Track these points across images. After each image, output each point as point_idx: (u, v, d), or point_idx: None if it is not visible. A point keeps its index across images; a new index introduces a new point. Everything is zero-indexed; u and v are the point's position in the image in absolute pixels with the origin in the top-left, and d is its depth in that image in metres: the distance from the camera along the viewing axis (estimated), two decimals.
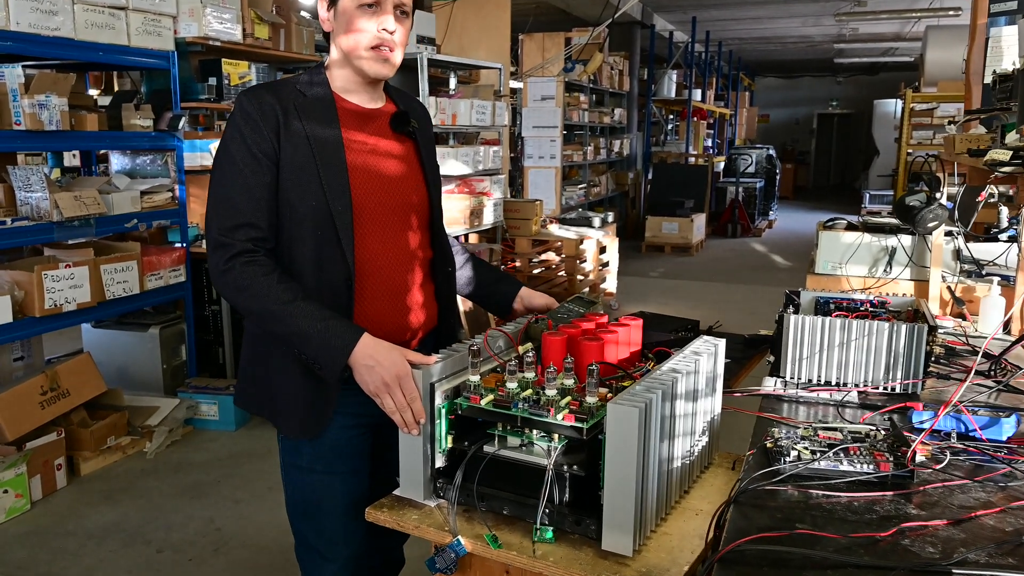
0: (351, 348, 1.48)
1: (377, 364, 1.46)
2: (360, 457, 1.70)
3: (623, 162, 11.92)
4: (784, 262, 10.07)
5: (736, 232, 12.37)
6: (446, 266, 1.78)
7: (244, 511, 3.30)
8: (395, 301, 1.66)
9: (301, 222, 1.56)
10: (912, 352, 1.82)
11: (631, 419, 1.24)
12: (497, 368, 1.55)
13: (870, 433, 1.51)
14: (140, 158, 4.48)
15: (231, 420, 4.21)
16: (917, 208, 2.53)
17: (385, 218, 1.64)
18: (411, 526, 1.42)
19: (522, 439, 1.42)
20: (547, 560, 1.30)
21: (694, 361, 1.50)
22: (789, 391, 1.87)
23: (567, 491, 1.35)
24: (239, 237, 1.52)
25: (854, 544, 1.16)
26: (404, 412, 1.43)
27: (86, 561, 2.93)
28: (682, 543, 1.36)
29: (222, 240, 1.52)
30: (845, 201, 16.61)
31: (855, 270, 2.81)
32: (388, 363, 1.45)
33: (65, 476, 3.57)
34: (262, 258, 1.53)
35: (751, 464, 1.45)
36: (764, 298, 7.61)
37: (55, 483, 3.52)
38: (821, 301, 2.18)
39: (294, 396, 1.62)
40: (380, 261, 1.63)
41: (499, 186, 5.55)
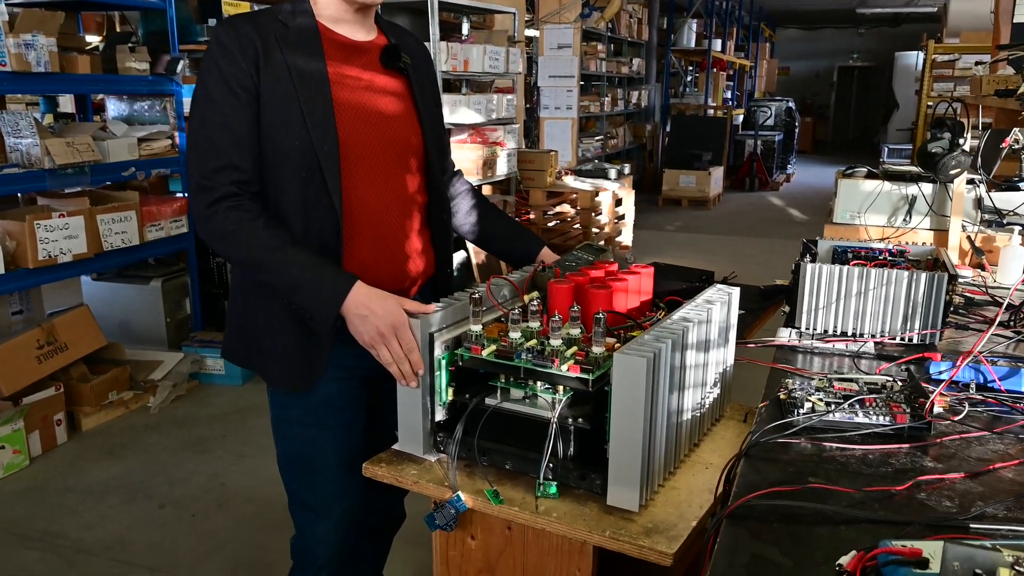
0: (343, 297, 1.43)
1: (371, 313, 1.41)
2: (354, 410, 1.67)
3: (641, 114, 11.74)
4: (801, 216, 9.96)
5: (754, 186, 12.23)
6: (442, 213, 1.72)
7: (249, 466, 3.31)
8: (389, 249, 1.61)
9: (285, 163, 1.49)
10: (931, 302, 1.77)
11: (638, 369, 1.19)
12: (501, 318, 1.50)
13: (886, 384, 1.47)
14: (137, 104, 4.40)
15: (237, 374, 4.21)
16: (939, 155, 2.45)
17: (376, 160, 1.57)
18: (410, 481, 1.39)
19: (525, 391, 1.37)
20: (550, 516, 1.26)
21: (706, 310, 1.45)
22: (804, 342, 1.82)
23: (572, 445, 1.31)
24: (221, 180, 1.46)
25: (868, 498, 1.12)
26: (401, 363, 1.38)
27: (86, 517, 2.95)
28: (690, 497, 1.33)
29: (203, 183, 1.46)
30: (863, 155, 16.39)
31: (874, 219, 2.74)
32: (383, 312, 1.40)
33: (65, 432, 3.58)
34: (247, 202, 1.47)
35: (763, 416, 1.41)
36: (780, 252, 7.53)
37: (55, 439, 3.53)
38: (839, 250, 2.12)
39: (284, 347, 1.58)
40: (372, 206, 1.57)
41: (513, 136, 5.46)
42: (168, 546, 2.73)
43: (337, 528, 1.67)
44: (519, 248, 1.86)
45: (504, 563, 1.37)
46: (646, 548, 1.19)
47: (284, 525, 2.90)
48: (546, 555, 1.32)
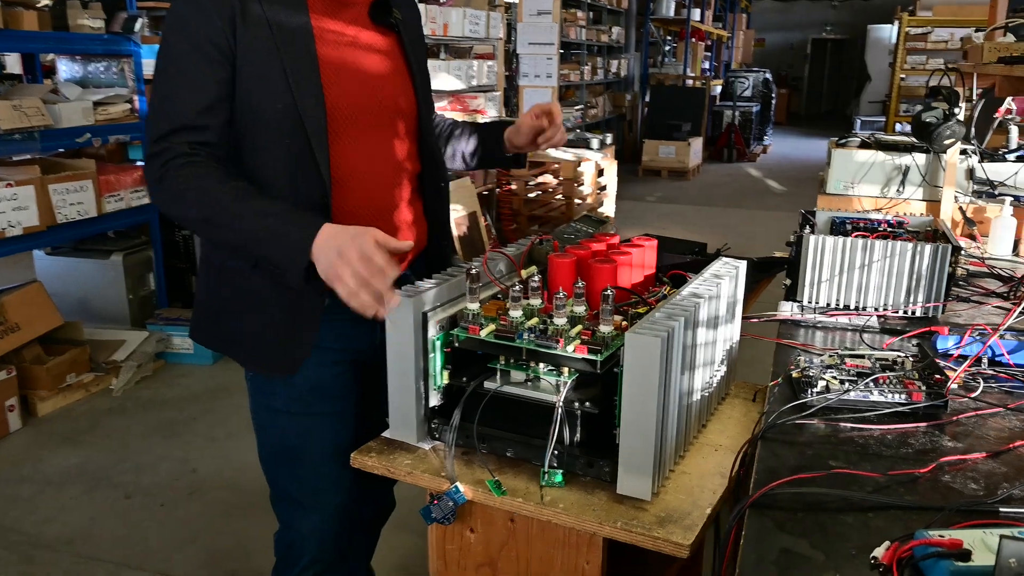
0: (312, 236, 1.26)
1: (335, 240, 1.23)
2: (344, 397, 1.59)
3: (620, 83, 11.67)
4: (780, 187, 10.00)
5: (732, 157, 12.26)
6: (438, 180, 1.64)
7: (222, 450, 3.23)
8: (379, 220, 1.52)
9: (266, 128, 1.40)
10: (935, 274, 1.74)
11: (652, 350, 1.14)
12: (498, 295, 1.44)
13: (898, 360, 1.43)
14: (92, 65, 4.23)
15: (207, 353, 4.11)
16: (934, 124, 2.42)
17: (365, 123, 1.48)
18: (403, 472, 1.33)
19: (527, 373, 1.32)
20: (556, 507, 1.21)
21: (716, 285, 1.40)
22: (807, 316, 1.79)
23: (578, 430, 1.26)
24: (176, 141, 1.34)
25: (893, 482, 1.09)
26: (371, 281, 1.19)
27: (44, 509, 2.84)
28: (702, 483, 1.28)
29: (157, 149, 1.35)
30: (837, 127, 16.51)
31: (867, 190, 2.71)
32: (346, 235, 1.23)
33: (19, 418, 3.45)
34: (200, 159, 1.35)
35: (776, 396, 1.37)
36: (761, 223, 7.55)
37: (7, 425, 3.40)
38: (837, 221, 2.09)
39: (263, 328, 1.49)
40: (361, 174, 1.49)
41: (494, 104, 5.36)
42: (136, 538, 2.65)
43: (326, 524, 1.60)
44: (491, 153, 1.78)
45: (506, 557, 1.32)
46: (660, 539, 1.14)
47: (261, 512, 2.83)
48: (552, 548, 1.27)
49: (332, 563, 1.65)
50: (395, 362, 1.34)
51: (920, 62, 10.69)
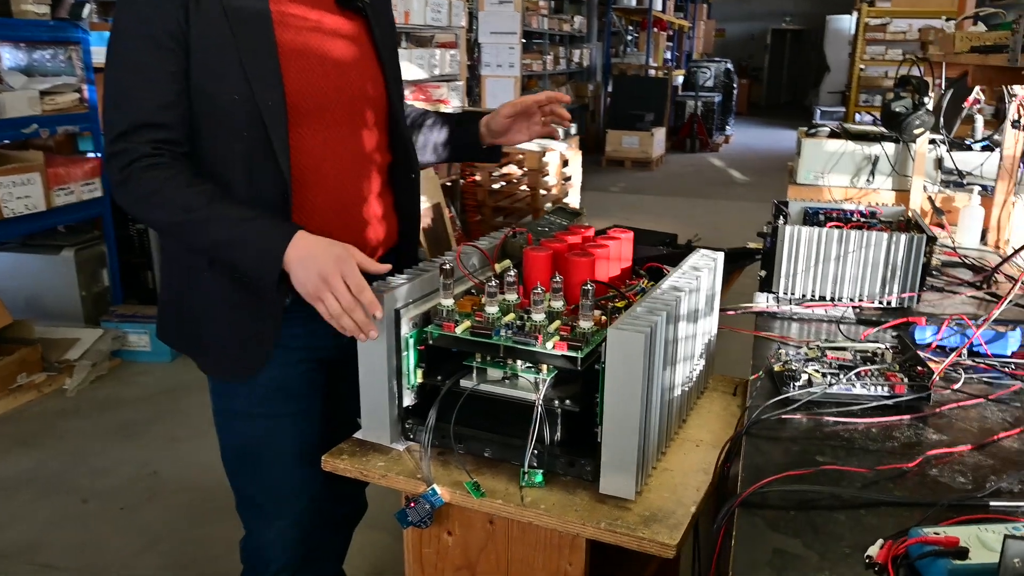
0: (284, 246, 1.26)
1: (313, 257, 1.25)
2: (310, 397, 1.54)
3: (583, 73, 11.66)
4: (743, 177, 10.08)
5: (695, 147, 12.34)
6: (409, 173, 1.59)
7: (183, 451, 3.15)
8: (345, 216, 1.47)
9: (223, 122, 1.34)
10: (910, 264, 1.74)
11: (635, 346, 1.11)
12: (471, 290, 1.41)
13: (877, 352, 1.43)
14: (38, 52, 4.06)
15: (165, 350, 4.00)
16: (903, 114, 2.42)
17: (330, 114, 1.42)
18: (377, 475, 1.29)
19: (504, 371, 1.28)
20: (538, 508, 1.18)
21: (695, 278, 1.38)
22: (783, 307, 1.78)
23: (559, 429, 1.23)
24: (137, 140, 1.30)
25: (882, 478, 1.08)
26: (353, 311, 1.23)
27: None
28: (685, 480, 1.26)
29: (117, 148, 1.30)
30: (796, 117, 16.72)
31: (837, 179, 2.72)
32: (326, 255, 1.25)
33: None
34: (166, 160, 1.31)
35: (759, 390, 1.35)
36: (725, 213, 7.61)
37: None
38: (810, 211, 2.09)
39: (224, 329, 1.44)
40: (325, 168, 1.43)
41: (457, 94, 5.30)
42: (95, 545, 2.57)
43: (294, 528, 1.55)
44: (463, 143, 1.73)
45: (486, 560, 1.28)
46: (646, 540, 1.12)
47: (226, 515, 2.76)
48: (533, 550, 1.24)
49: (301, 567, 1.60)
50: (367, 361, 1.30)
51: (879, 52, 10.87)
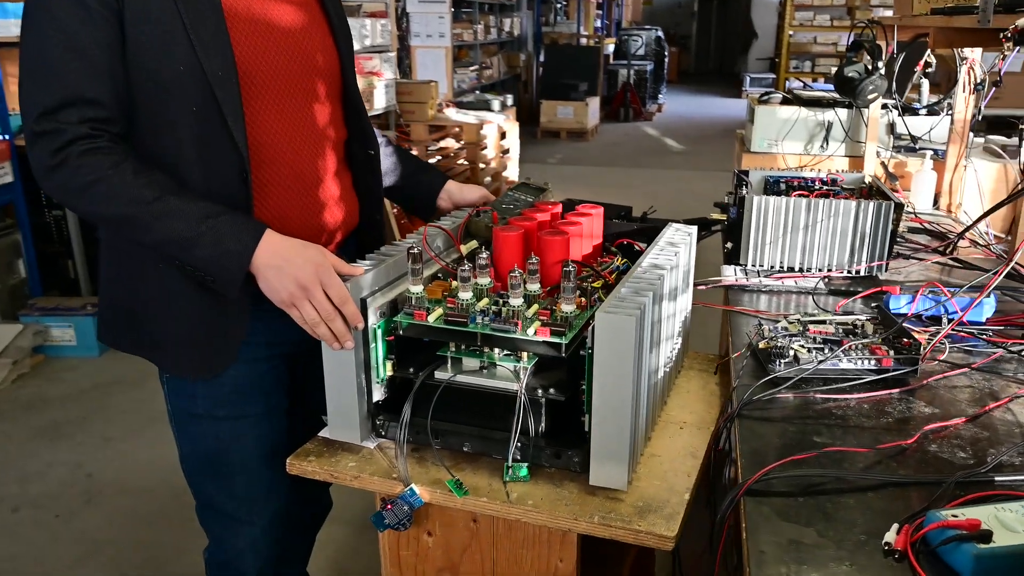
0: (252, 249, 1.19)
1: (286, 263, 1.19)
2: (276, 394, 1.45)
3: (514, 43, 11.51)
4: (678, 146, 10.13)
5: (628, 116, 12.34)
6: (366, 148, 1.50)
7: (119, 451, 2.99)
8: (305, 196, 1.38)
9: (167, 96, 1.22)
10: (879, 232, 1.73)
11: (625, 330, 1.05)
12: (438, 274, 1.33)
13: (857, 324, 1.40)
14: None
15: (92, 344, 3.80)
16: (857, 79, 2.42)
17: (283, 87, 1.32)
18: (348, 476, 1.21)
19: (481, 360, 1.22)
20: (526, 504, 1.12)
21: (674, 254, 1.33)
22: (752, 280, 1.75)
23: (543, 419, 1.17)
24: (68, 119, 1.17)
25: (884, 456, 1.06)
26: (332, 321, 1.17)
27: None
28: (675, 466, 1.22)
29: (44, 126, 1.16)
30: (726, 85, 16.96)
31: (791, 147, 2.71)
32: (302, 260, 1.18)
33: None
34: (106, 144, 1.19)
35: (744, 369, 1.31)
36: (664, 183, 7.64)
37: None
38: (771, 180, 2.07)
39: (184, 326, 1.33)
40: (281, 144, 1.33)
41: (390, 66, 5.14)
42: (30, 555, 2.42)
43: (265, 535, 1.47)
44: (422, 185, 1.66)
45: (469, 560, 1.22)
46: (643, 532, 1.07)
47: (172, 518, 2.65)
48: (520, 547, 1.19)
49: (269, 573, 1.52)
50: (332, 355, 1.22)
51: (807, 18, 11.02)
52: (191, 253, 1.19)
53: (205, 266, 1.20)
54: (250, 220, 1.23)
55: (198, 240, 1.18)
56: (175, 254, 1.21)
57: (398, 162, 1.65)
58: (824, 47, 11.23)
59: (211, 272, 1.21)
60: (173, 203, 1.18)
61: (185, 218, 1.17)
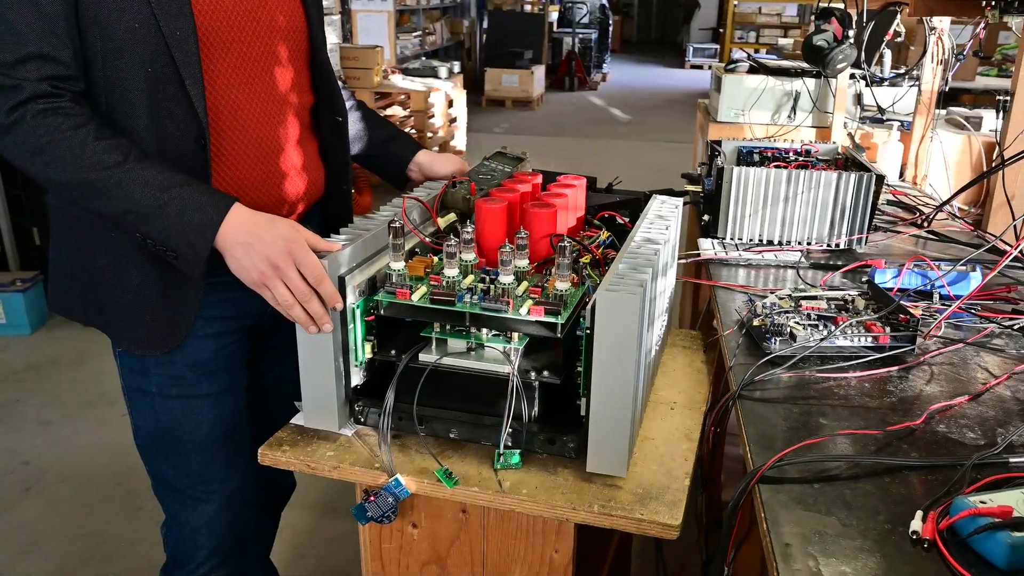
0: (218, 223, 1.10)
1: (256, 239, 1.10)
2: (233, 370, 1.37)
3: (457, 8, 11.30)
4: (624, 116, 10.11)
5: (573, 85, 12.26)
6: (334, 115, 1.40)
7: (58, 436, 2.84)
8: (264, 164, 1.28)
9: (121, 56, 1.12)
10: (860, 204, 1.71)
11: (629, 309, 1.00)
12: (416, 250, 1.25)
13: (848, 299, 1.37)
14: None
15: (23, 321, 3.60)
16: (826, 49, 2.39)
17: (245, 48, 1.23)
18: (326, 466, 1.14)
19: (468, 341, 1.14)
20: (519, 493, 1.06)
21: (665, 228, 1.28)
22: (732, 254, 1.71)
23: (536, 403, 1.11)
24: (26, 75, 1.07)
25: (893, 438, 1.02)
26: (308, 302, 1.09)
27: None
28: (670, 449, 1.18)
29: (1, 82, 1.07)
30: (669, 55, 16.99)
31: (758, 116, 2.68)
32: (273, 236, 1.10)
33: None
34: (67, 104, 1.10)
35: (740, 347, 1.27)
36: (612, 153, 7.61)
37: None
38: (744, 151, 2.02)
39: (136, 300, 1.24)
40: (241, 109, 1.24)
41: (334, 30, 4.98)
42: None
43: (221, 513, 1.40)
44: (390, 155, 1.58)
45: (458, 552, 1.16)
46: (646, 521, 1.02)
47: (118, 505, 2.52)
48: (513, 539, 1.13)
49: (230, 553, 1.45)
50: (308, 338, 1.13)
51: None
52: (152, 225, 1.10)
53: (167, 240, 1.11)
54: (218, 192, 1.13)
55: (161, 211, 1.08)
56: (135, 226, 1.11)
57: (366, 128, 1.56)
58: (769, 17, 11.32)
59: (173, 247, 1.11)
60: (136, 170, 1.08)
61: (147, 187, 1.08)
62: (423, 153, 1.57)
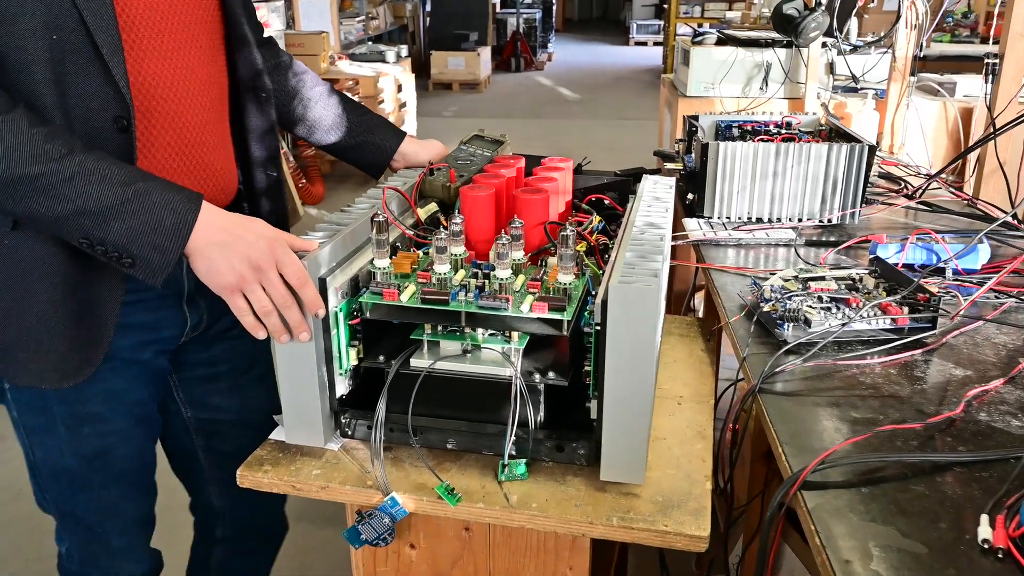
0: (192, 222, 0.96)
1: (234, 238, 0.96)
2: (152, 398, 1.24)
3: None
4: (573, 95, 10.01)
5: (520, 66, 12.12)
6: (257, 102, 1.25)
7: None
8: (195, 159, 1.14)
9: (16, 20, 0.95)
10: (852, 177, 1.64)
11: (646, 302, 0.90)
12: (396, 244, 1.13)
13: (855, 278, 1.29)
14: None
15: None
16: (797, 17, 2.32)
17: (164, 28, 1.08)
18: (314, 487, 1.02)
19: (464, 343, 1.03)
20: (530, 507, 0.96)
21: (664, 210, 1.18)
22: (720, 234, 1.62)
23: (541, 408, 1.01)
24: None
25: (935, 431, 0.94)
26: (287, 308, 0.96)
27: None
28: (685, 449, 1.08)
29: None
30: (613, 32, 16.92)
31: (729, 89, 2.60)
32: (254, 235, 0.97)
33: None
34: None
35: (752, 335, 1.18)
36: (566, 133, 7.52)
37: None
38: (723, 125, 1.94)
39: (36, 323, 1.06)
40: (168, 98, 1.09)
41: (279, 16, 4.77)
42: None
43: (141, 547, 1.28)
44: (368, 147, 1.45)
45: (461, 572, 1.06)
46: (672, 534, 0.93)
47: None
48: (523, 556, 1.03)
49: None
50: (287, 347, 1.01)
51: None
52: (110, 227, 0.94)
53: (127, 244, 0.95)
54: (182, 188, 0.99)
55: (123, 210, 0.93)
56: (86, 230, 0.95)
57: (344, 117, 1.42)
58: None
59: (133, 252, 0.95)
60: (89, 162, 0.93)
61: (107, 181, 0.93)
62: (408, 143, 1.44)
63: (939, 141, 2.31)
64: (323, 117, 1.40)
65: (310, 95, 1.41)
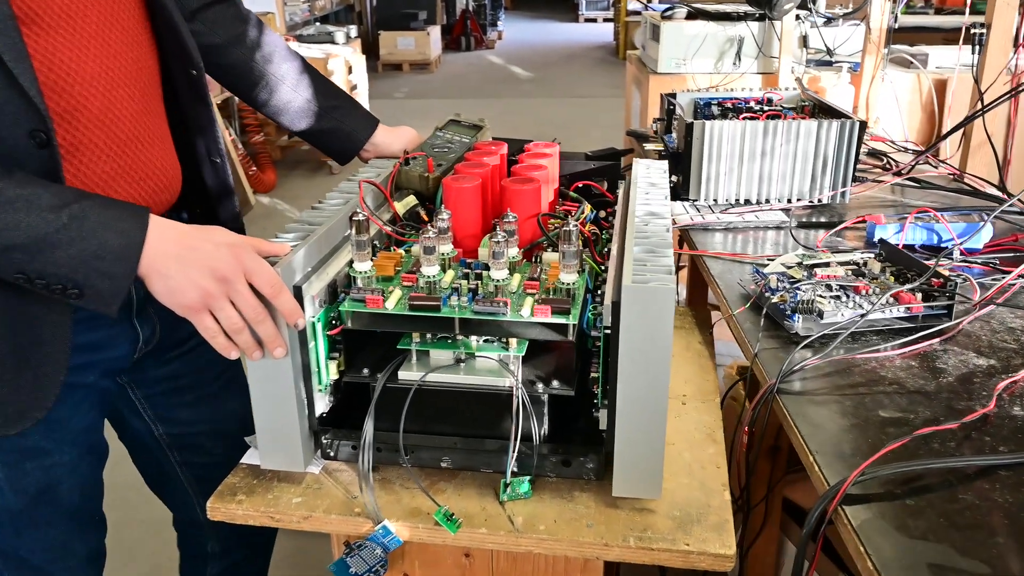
0: (141, 241, 0.85)
1: (191, 251, 0.86)
2: (97, 428, 1.13)
3: None
4: (525, 73, 9.90)
5: (470, 45, 11.95)
6: (187, 69, 1.12)
7: None
8: (126, 159, 1.01)
9: None
10: (843, 155, 1.57)
11: (662, 301, 0.82)
12: (375, 242, 1.04)
13: (860, 262, 1.23)
14: None
15: None
16: None
17: (80, 19, 0.95)
18: (296, 517, 0.92)
19: (456, 351, 0.94)
20: (537, 530, 0.88)
21: (664, 197, 1.10)
22: (708, 218, 1.55)
23: (545, 420, 0.92)
24: None
25: (970, 430, 0.88)
26: (260, 323, 0.86)
27: None
28: (697, 454, 1.01)
29: None
30: (562, 9, 16.77)
31: (701, 65, 2.53)
32: (214, 244, 0.86)
33: None
34: None
35: (761, 329, 1.11)
36: (521, 112, 7.42)
37: None
38: (701, 103, 1.86)
39: None
40: (88, 95, 0.96)
41: None
42: None
43: None
44: (338, 135, 1.35)
45: None
46: (695, 553, 0.86)
47: None
48: None
49: None
50: (260, 363, 0.91)
51: None
52: (46, 259, 0.82)
53: (70, 275, 0.84)
54: (124, 203, 0.87)
55: (58, 238, 0.82)
56: (18, 264, 0.83)
57: (313, 101, 1.31)
58: None
59: (79, 282, 0.84)
60: (11, 189, 0.81)
61: (34, 207, 0.81)
62: (381, 133, 1.34)
63: (913, 114, 2.27)
64: (291, 101, 1.29)
65: (278, 74, 1.29)
